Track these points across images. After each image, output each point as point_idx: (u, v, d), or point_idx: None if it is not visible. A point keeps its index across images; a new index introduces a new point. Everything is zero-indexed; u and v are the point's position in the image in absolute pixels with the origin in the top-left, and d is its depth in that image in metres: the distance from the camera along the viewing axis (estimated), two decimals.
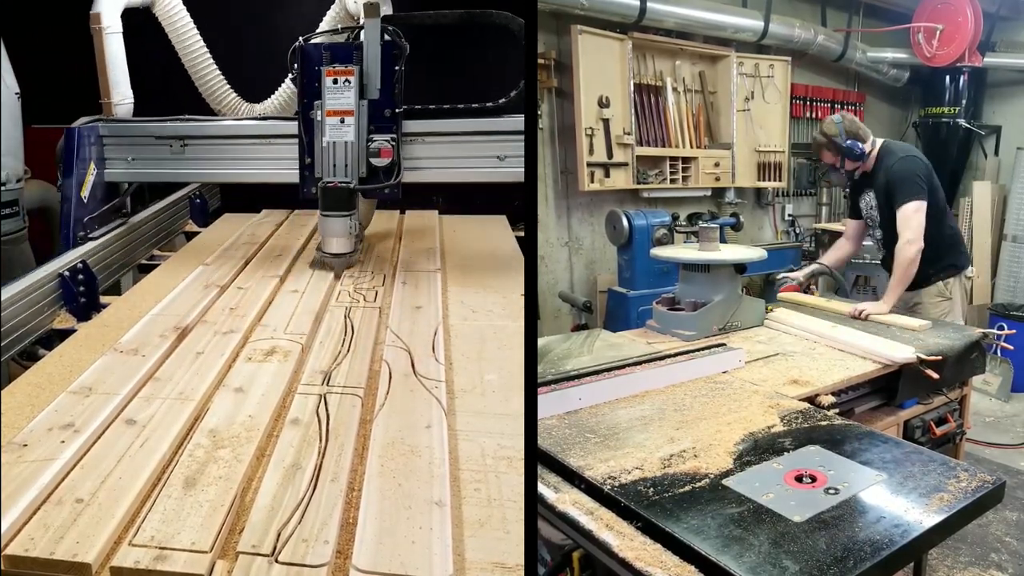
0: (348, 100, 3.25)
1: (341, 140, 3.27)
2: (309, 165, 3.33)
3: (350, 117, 3.26)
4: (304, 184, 3.38)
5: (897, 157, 3.45)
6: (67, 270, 2.99)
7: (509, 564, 1.44)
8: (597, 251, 5.41)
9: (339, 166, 3.29)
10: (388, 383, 2.22)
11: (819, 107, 6.55)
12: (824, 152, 3.57)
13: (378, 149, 3.26)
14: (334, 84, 3.25)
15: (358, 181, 3.30)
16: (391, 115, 3.30)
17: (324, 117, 3.27)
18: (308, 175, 3.35)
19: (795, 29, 5.83)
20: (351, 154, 3.28)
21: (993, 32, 6.30)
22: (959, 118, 6.49)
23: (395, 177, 3.31)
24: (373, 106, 3.29)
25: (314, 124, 3.29)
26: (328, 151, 3.28)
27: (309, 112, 3.29)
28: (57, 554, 1.43)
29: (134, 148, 3.66)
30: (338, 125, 3.27)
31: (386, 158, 3.26)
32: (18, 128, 3.98)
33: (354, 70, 3.23)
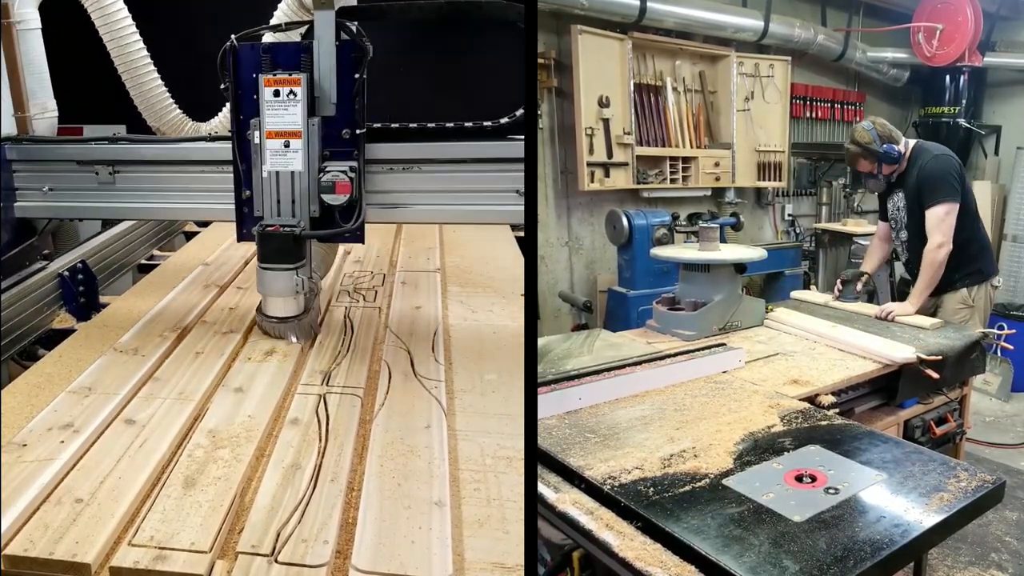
0: (294, 118, 2.52)
1: (285, 170, 2.54)
2: (248, 200, 2.61)
3: (296, 140, 2.53)
4: (242, 224, 2.64)
5: (931, 156, 3.36)
6: (67, 270, 2.99)
7: (509, 564, 1.44)
8: (597, 251, 5.40)
9: (284, 203, 2.56)
10: (388, 383, 2.22)
11: (819, 107, 6.55)
12: (860, 161, 3.45)
13: (332, 182, 2.52)
14: (275, 97, 2.51)
15: (309, 223, 2.57)
16: (351, 137, 2.56)
17: (264, 140, 2.53)
18: (247, 212, 2.62)
19: (795, 29, 5.83)
20: (299, 188, 2.55)
21: (993, 32, 6.30)
22: (959, 118, 6.49)
23: (356, 219, 2.56)
24: (327, 125, 2.55)
25: (251, 147, 2.56)
26: (269, 184, 2.55)
27: (245, 132, 2.56)
28: (56, 554, 1.43)
29: (52, 175, 2.88)
30: (281, 150, 2.53)
31: (342, 194, 2.52)
32: (13, 129, 3.96)
33: (301, 79, 2.50)
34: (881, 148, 3.36)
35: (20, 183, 2.89)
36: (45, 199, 2.89)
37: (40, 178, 2.89)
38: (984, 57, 6.19)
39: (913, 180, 3.39)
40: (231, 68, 2.56)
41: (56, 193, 2.89)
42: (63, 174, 2.88)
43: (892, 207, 3.59)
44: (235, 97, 2.58)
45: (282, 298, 2.59)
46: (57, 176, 2.89)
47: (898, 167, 3.44)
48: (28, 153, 2.91)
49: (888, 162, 3.41)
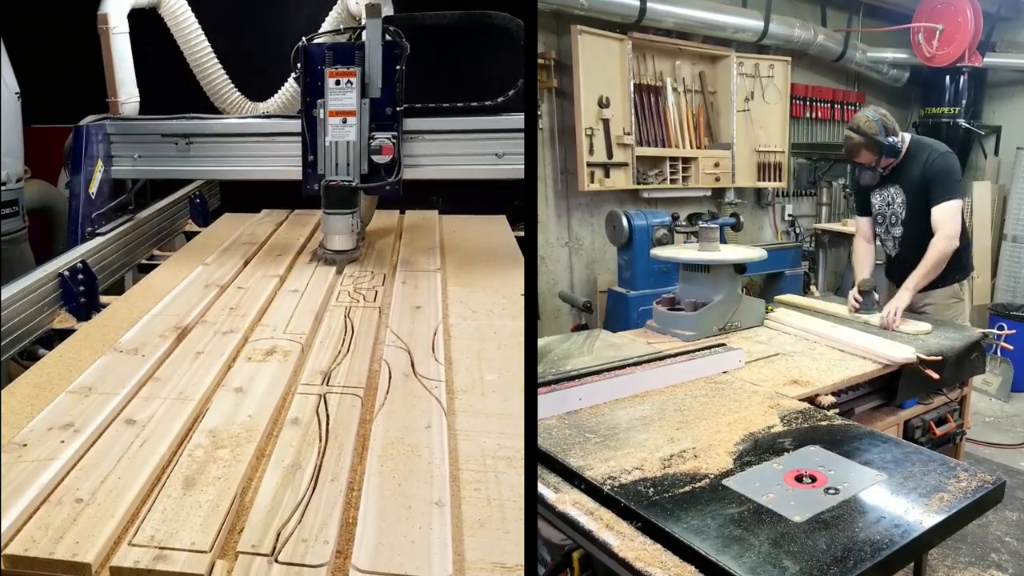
0: (350, 101, 3.33)
1: (343, 140, 3.35)
2: (312, 163, 3.41)
3: (352, 117, 3.33)
4: (307, 181, 3.45)
5: (938, 152, 3.34)
6: (67, 270, 2.99)
7: (509, 564, 1.44)
8: (597, 251, 5.41)
9: (341, 165, 3.37)
10: (388, 383, 2.22)
11: (819, 107, 6.55)
12: (862, 151, 3.39)
13: (379, 146, 3.34)
14: (336, 85, 3.31)
15: (359, 179, 3.38)
16: (392, 113, 3.37)
17: (327, 117, 3.33)
18: (311, 172, 3.42)
19: (795, 29, 5.83)
20: (353, 153, 3.36)
21: (993, 32, 6.30)
22: (959, 118, 6.49)
23: (396, 174, 3.38)
24: (374, 104, 3.36)
25: (317, 122, 3.36)
26: (331, 150, 3.36)
27: (312, 111, 3.37)
28: (57, 554, 1.43)
29: (140, 146, 3.73)
30: (340, 125, 3.34)
31: (387, 155, 3.34)
32: (18, 128, 3.98)
33: (356, 71, 3.30)
34: (886, 140, 3.33)
35: (116, 152, 3.75)
36: (135, 164, 3.76)
37: (131, 148, 3.75)
38: (984, 57, 6.19)
39: (916, 176, 3.35)
40: (303, 61, 3.36)
41: (144, 159, 3.75)
42: (149, 144, 3.74)
43: (881, 202, 3.54)
44: (304, 83, 3.39)
45: (340, 235, 3.39)
46: (144, 146, 3.74)
47: (894, 161, 3.42)
48: (122, 128, 3.77)
49: (889, 155, 3.38)
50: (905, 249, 3.50)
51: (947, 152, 3.38)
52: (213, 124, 3.80)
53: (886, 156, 3.38)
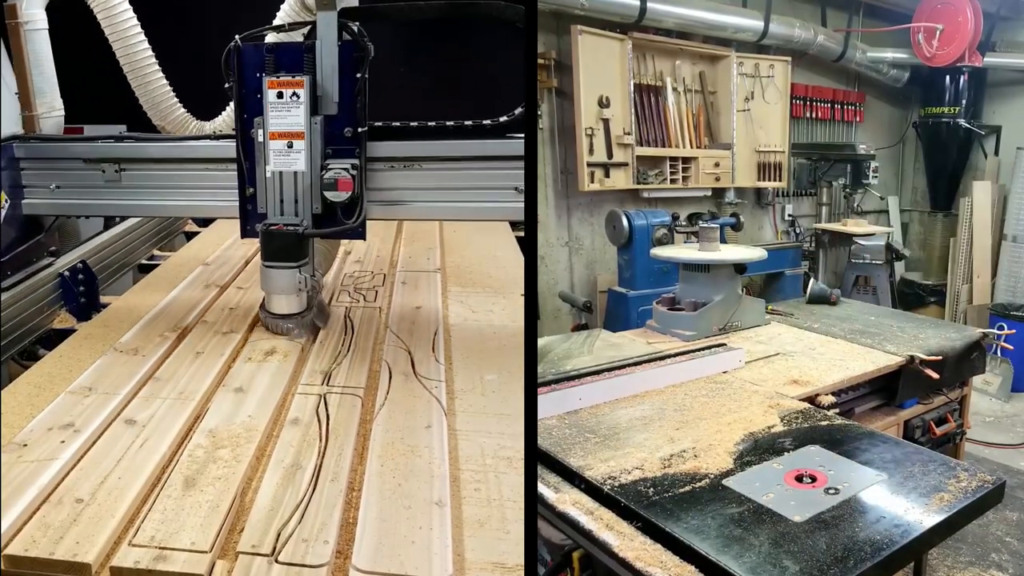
0: (296, 119, 2.56)
1: (289, 169, 2.59)
2: (251, 196, 2.65)
3: (299, 140, 2.57)
4: (246, 221, 2.69)
5: None
6: (67, 270, 2.99)
7: (509, 564, 1.44)
8: (597, 251, 5.40)
9: (287, 202, 2.61)
10: (388, 383, 2.22)
11: (819, 107, 6.55)
12: None
13: (334, 180, 2.55)
14: (279, 99, 2.55)
15: (311, 221, 2.61)
16: (352, 135, 2.59)
17: (267, 140, 2.58)
18: (251, 209, 2.66)
19: (795, 29, 5.83)
20: (301, 186, 2.59)
21: (993, 32, 6.30)
22: (959, 118, 6.49)
23: (358, 215, 2.60)
24: (330, 124, 2.60)
25: (254, 145, 2.61)
26: (272, 184, 2.60)
27: (249, 130, 2.61)
28: (57, 554, 1.43)
29: (59, 173, 2.91)
30: (284, 151, 2.58)
31: (344, 192, 2.56)
32: (18, 128, 3.97)
33: (304, 80, 2.54)
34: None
35: (27, 181, 2.93)
36: (52, 196, 2.92)
37: (47, 176, 2.92)
38: (984, 57, 6.19)
39: None
40: (235, 68, 2.60)
41: (63, 191, 2.92)
42: (70, 172, 2.91)
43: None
44: (239, 96, 2.62)
45: (285, 295, 2.65)
46: (64, 174, 2.92)
47: None
48: (35, 151, 2.94)
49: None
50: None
51: None
52: (151, 147, 2.93)
53: None
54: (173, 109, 3.70)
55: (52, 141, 3.12)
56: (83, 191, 2.92)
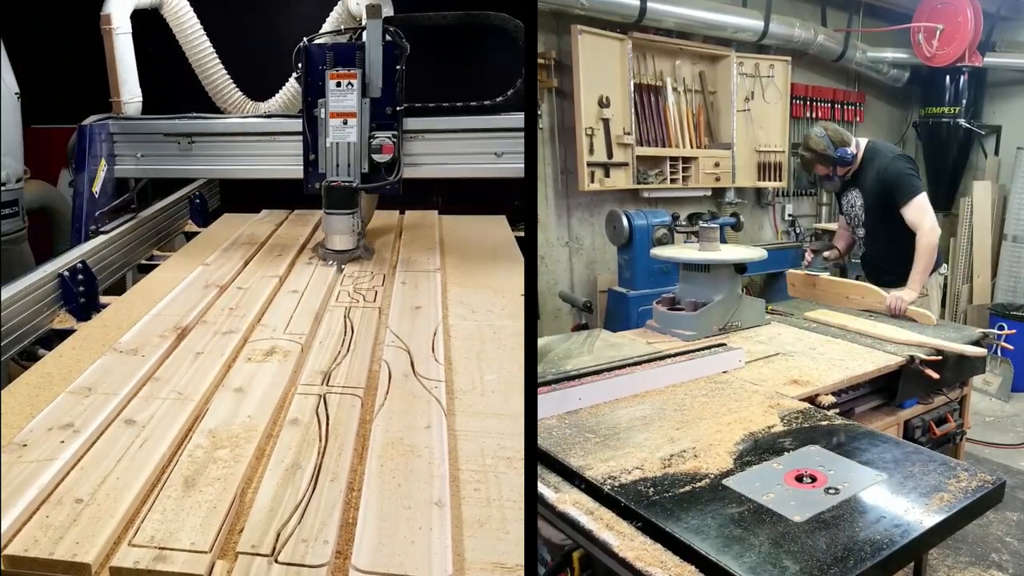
0: (351, 102, 3.35)
1: (344, 141, 3.38)
2: (313, 162, 3.44)
3: (353, 119, 3.36)
4: (308, 180, 3.47)
5: (888, 157, 3.59)
6: (67, 270, 2.99)
7: (509, 564, 1.44)
8: (597, 251, 5.41)
9: (342, 165, 3.39)
10: (388, 383, 2.22)
11: (819, 107, 6.55)
12: (816, 166, 3.70)
13: (380, 146, 3.37)
14: (337, 87, 3.34)
15: (360, 179, 3.40)
16: (392, 113, 3.40)
17: (327, 118, 3.36)
18: (312, 171, 3.45)
19: (795, 29, 5.83)
20: (353, 154, 3.38)
21: (993, 32, 6.30)
22: (959, 118, 6.49)
23: (396, 173, 3.42)
24: (375, 104, 3.39)
25: (317, 123, 3.39)
26: (331, 151, 3.39)
27: (313, 110, 3.40)
28: (57, 554, 1.43)
29: (143, 145, 3.76)
30: (341, 126, 3.37)
31: (388, 154, 3.37)
32: (18, 128, 3.98)
33: (357, 73, 3.33)
34: (835, 153, 3.61)
35: (118, 151, 3.78)
36: (138, 163, 3.79)
37: (134, 147, 3.78)
38: (984, 57, 6.19)
39: (872, 180, 3.61)
40: (304, 61, 3.39)
41: (147, 158, 3.79)
42: (152, 144, 3.78)
43: (847, 204, 3.80)
44: (305, 83, 3.41)
45: (341, 235, 3.41)
46: (147, 146, 3.78)
47: (851, 167, 3.67)
48: (125, 127, 3.81)
49: (843, 165, 3.65)
50: (868, 247, 3.79)
51: (898, 155, 3.63)
52: (215, 123, 3.83)
53: (840, 166, 3.65)
54: (232, 94, 4.57)
55: (138, 119, 3.97)
56: (163, 159, 3.78)
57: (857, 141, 3.67)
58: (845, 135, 3.64)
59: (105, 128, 3.72)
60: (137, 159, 3.77)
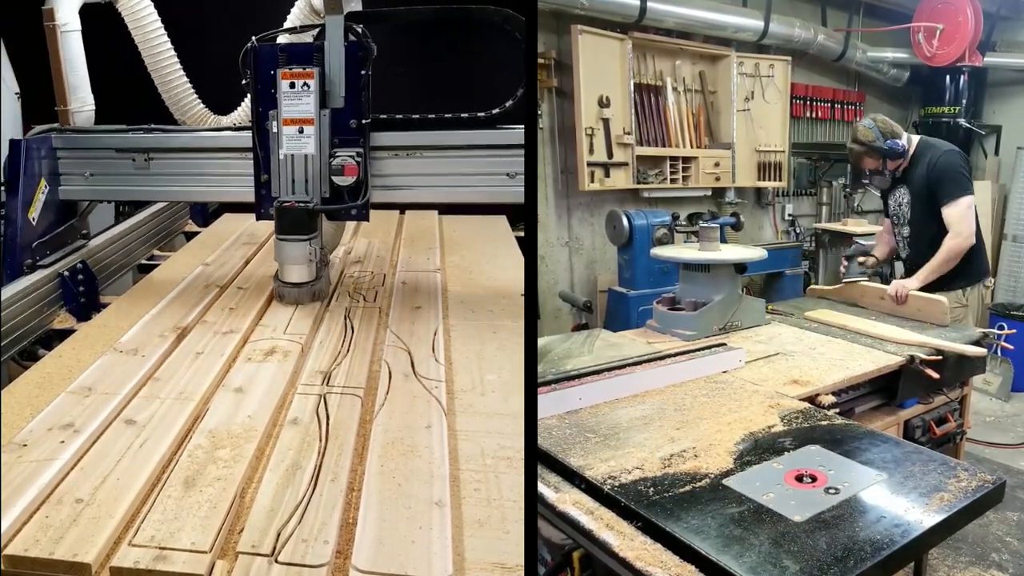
0: (307, 107, 2.83)
1: (300, 152, 2.86)
2: (266, 183, 2.93)
3: (309, 127, 2.84)
4: (260, 204, 2.96)
5: (941, 151, 3.40)
6: (67, 270, 2.99)
7: (509, 564, 1.44)
8: (597, 251, 5.41)
9: (298, 182, 2.88)
10: (388, 383, 2.22)
11: (819, 107, 6.55)
12: (865, 159, 3.49)
13: (341, 166, 2.82)
14: (291, 88, 2.82)
15: (320, 201, 2.89)
16: (357, 127, 2.86)
17: (280, 127, 2.85)
18: (265, 194, 2.94)
19: (795, 29, 5.83)
20: (311, 169, 2.87)
21: (993, 32, 6.30)
22: (959, 118, 6.49)
23: (362, 196, 2.88)
24: (337, 117, 2.86)
25: (269, 136, 2.88)
26: (285, 165, 2.87)
27: (264, 123, 2.89)
28: (57, 554, 1.43)
29: (92, 162, 3.15)
30: (296, 136, 2.85)
31: (350, 176, 2.83)
32: (18, 128, 3.97)
33: (314, 72, 2.81)
34: (885, 145, 3.41)
35: (64, 169, 3.16)
36: (86, 183, 3.16)
37: (82, 164, 3.15)
38: (984, 57, 6.19)
39: (921, 176, 3.42)
40: (252, 65, 2.87)
41: (96, 178, 3.16)
42: (103, 160, 3.15)
43: (894, 203, 3.61)
44: (255, 91, 2.90)
45: (296, 265, 2.93)
46: (97, 163, 3.15)
47: (902, 162, 3.48)
48: (71, 142, 3.17)
49: (893, 158, 3.45)
50: (913, 249, 3.57)
51: (951, 150, 3.42)
52: (176, 138, 3.17)
53: (891, 159, 3.46)
54: (193, 105, 4.02)
55: (87, 132, 3.34)
56: (114, 178, 3.16)
57: (909, 136, 3.51)
58: (895, 127, 3.46)
59: (46, 143, 3.09)
60: (84, 179, 3.14)
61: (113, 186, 3.19)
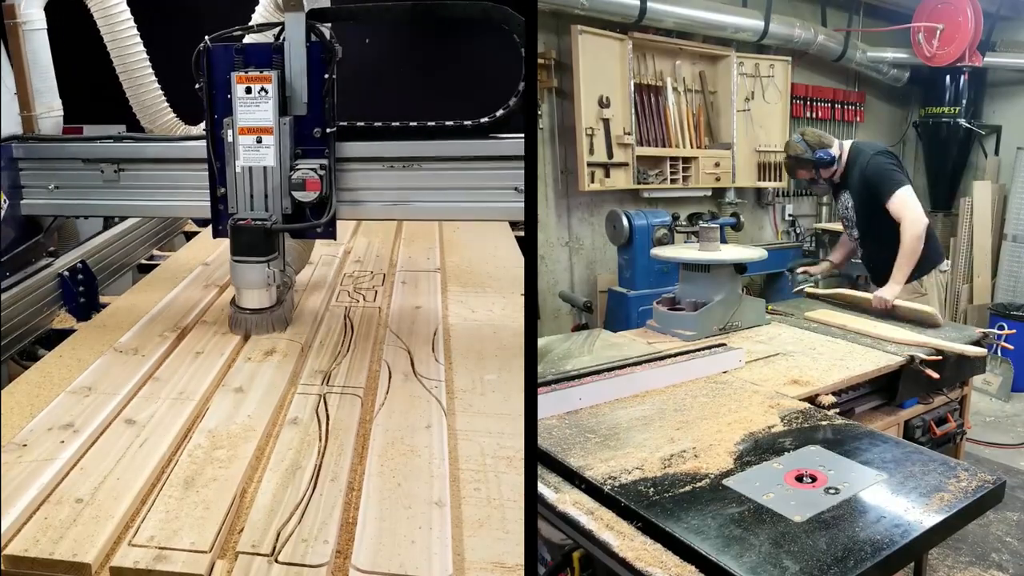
0: (264, 114, 2.57)
1: (258, 165, 2.59)
2: (222, 197, 2.67)
3: (268, 136, 2.58)
4: (218, 221, 2.71)
5: (869, 155, 3.56)
6: (67, 270, 2.99)
7: (509, 564, 1.44)
8: (597, 251, 5.40)
9: (257, 197, 2.62)
10: (388, 383, 2.22)
11: (819, 107, 6.55)
12: (798, 171, 3.70)
13: (302, 180, 2.56)
14: (247, 94, 2.56)
15: (281, 218, 2.63)
16: (321, 136, 2.61)
17: (236, 136, 2.59)
18: (222, 210, 2.69)
19: (795, 29, 5.83)
20: (271, 182, 2.60)
21: (993, 32, 6.30)
22: (959, 118, 6.49)
23: (326, 213, 2.62)
24: (298, 124, 2.61)
25: (224, 145, 2.62)
26: (242, 179, 2.61)
27: (219, 131, 2.62)
28: (57, 554, 1.43)
29: (57, 174, 2.90)
30: (253, 146, 2.59)
31: (312, 191, 2.57)
32: (18, 128, 3.97)
33: (272, 76, 2.55)
34: (814, 156, 3.59)
35: (26, 181, 2.91)
36: (51, 196, 2.91)
37: (46, 176, 2.91)
38: (984, 57, 6.19)
39: (857, 180, 3.59)
40: (205, 68, 2.60)
41: (62, 191, 2.91)
42: (69, 172, 2.90)
43: (841, 207, 3.80)
44: (209, 96, 2.63)
45: (254, 290, 2.64)
46: (63, 174, 2.90)
47: (836, 168, 3.65)
48: (34, 151, 2.93)
49: (824, 167, 3.63)
50: (866, 248, 3.77)
51: (877, 152, 3.60)
52: (149, 148, 2.92)
53: (823, 168, 3.64)
54: (163, 114, 3.69)
55: (51, 141, 3.10)
56: (82, 191, 2.90)
57: (841, 143, 3.65)
58: (824, 137, 3.62)
59: (7, 152, 2.84)
60: (49, 191, 2.89)
61: (80, 199, 2.93)
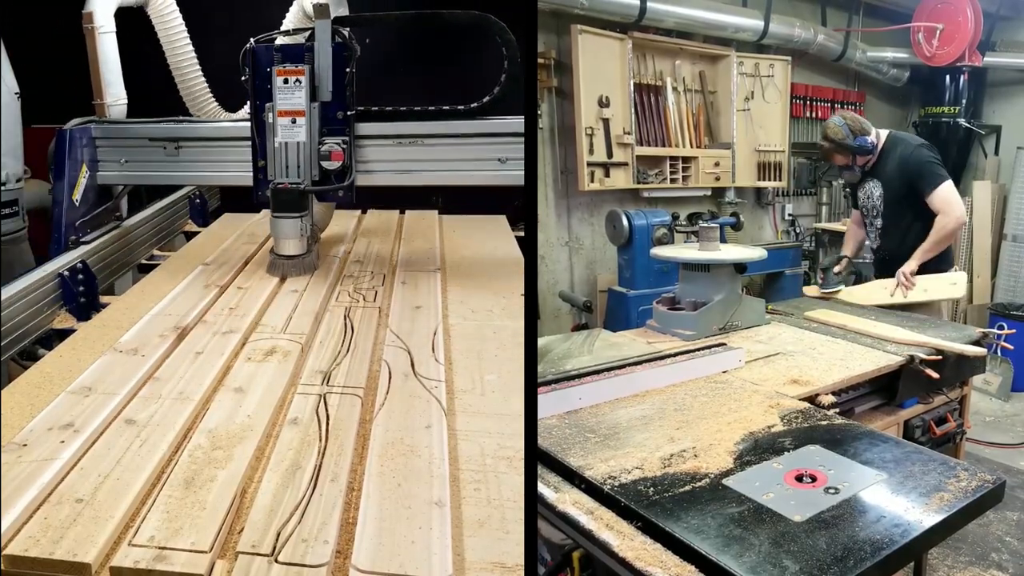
0: (299, 100, 3.20)
1: (293, 141, 3.22)
2: (262, 168, 3.29)
3: (301, 118, 3.20)
4: (257, 187, 3.32)
5: (912, 146, 3.58)
6: (67, 270, 2.99)
7: (509, 564, 1.44)
8: (597, 251, 5.41)
9: (291, 167, 3.24)
10: (388, 383, 2.22)
11: (819, 107, 6.55)
12: (835, 156, 3.69)
13: (328, 152, 3.21)
14: (284, 84, 3.20)
15: (310, 182, 3.25)
16: (343, 117, 3.25)
17: (276, 118, 3.21)
18: (261, 178, 3.30)
19: (795, 29, 5.84)
20: (303, 155, 3.22)
21: (993, 32, 6.30)
22: (959, 118, 6.49)
23: (347, 179, 3.25)
24: (325, 109, 3.24)
25: (266, 126, 3.24)
26: (280, 152, 3.22)
27: (261, 114, 3.25)
28: (57, 554, 1.43)
29: (127, 150, 3.56)
30: (289, 126, 3.22)
31: (336, 161, 3.22)
32: (18, 128, 3.97)
33: (304, 70, 3.18)
34: (855, 142, 3.59)
35: (102, 156, 3.57)
36: (122, 169, 3.58)
37: (118, 152, 3.57)
38: (984, 57, 6.19)
39: (893, 171, 3.60)
40: (251, 63, 3.25)
41: (131, 164, 3.58)
42: (137, 148, 3.57)
43: (864, 196, 3.78)
44: (253, 86, 3.27)
45: (290, 239, 3.26)
46: (131, 151, 3.57)
47: (871, 157, 3.67)
48: (109, 132, 3.59)
49: (862, 154, 3.65)
50: (885, 240, 3.75)
51: (921, 144, 3.62)
52: (202, 128, 3.65)
53: (859, 155, 3.65)
54: (208, 103, 4.44)
55: (122, 123, 3.81)
56: (147, 164, 3.57)
57: (878, 131, 3.66)
58: (865, 124, 3.62)
59: (87, 132, 3.50)
60: (120, 165, 3.56)
61: (146, 171, 3.59)
